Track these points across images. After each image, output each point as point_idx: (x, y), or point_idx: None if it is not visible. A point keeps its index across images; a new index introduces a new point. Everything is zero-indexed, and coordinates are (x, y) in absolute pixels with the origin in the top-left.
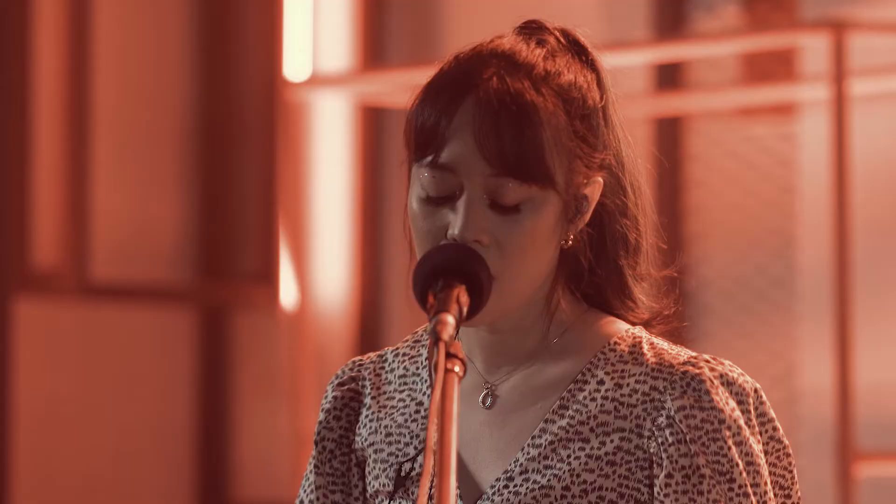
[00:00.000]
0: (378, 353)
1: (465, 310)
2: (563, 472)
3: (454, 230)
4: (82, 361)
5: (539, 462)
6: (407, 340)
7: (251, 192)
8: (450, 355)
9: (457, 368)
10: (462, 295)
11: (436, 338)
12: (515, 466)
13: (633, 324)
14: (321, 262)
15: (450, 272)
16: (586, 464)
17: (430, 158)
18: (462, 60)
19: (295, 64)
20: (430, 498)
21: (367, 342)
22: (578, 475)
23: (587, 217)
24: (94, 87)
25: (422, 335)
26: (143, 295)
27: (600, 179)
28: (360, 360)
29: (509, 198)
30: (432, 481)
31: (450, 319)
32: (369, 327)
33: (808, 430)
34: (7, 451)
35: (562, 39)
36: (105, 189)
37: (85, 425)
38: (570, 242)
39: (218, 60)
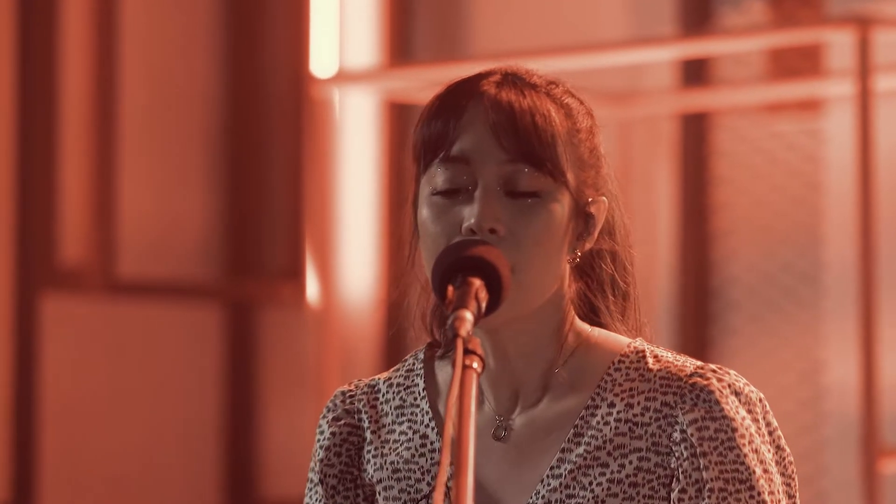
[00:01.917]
0: (366, 381)
1: (483, 306)
2: (587, 500)
3: (470, 220)
4: (109, 358)
5: (561, 492)
6: (398, 369)
7: (278, 188)
8: (468, 351)
9: (475, 364)
10: (481, 291)
11: (454, 334)
12: (537, 499)
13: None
14: (348, 258)
15: (470, 267)
16: (609, 488)
17: (442, 155)
18: (462, 79)
19: (322, 60)
20: (447, 495)
21: (392, 338)
22: (603, 501)
23: (594, 237)
24: (121, 83)
25: (413, 364)
26: (170, 292)
27: (605, 199)
28: (350, 391)
29: (524, 184)
30: (449, 478)
31: (468, 316)
32: (395, 323)
33: (834, 426)
34: (34, 448)
35: (555, 81)
36: (132, 186)
37: (112, 422)
38: (577, 260)
39: (245, 57)
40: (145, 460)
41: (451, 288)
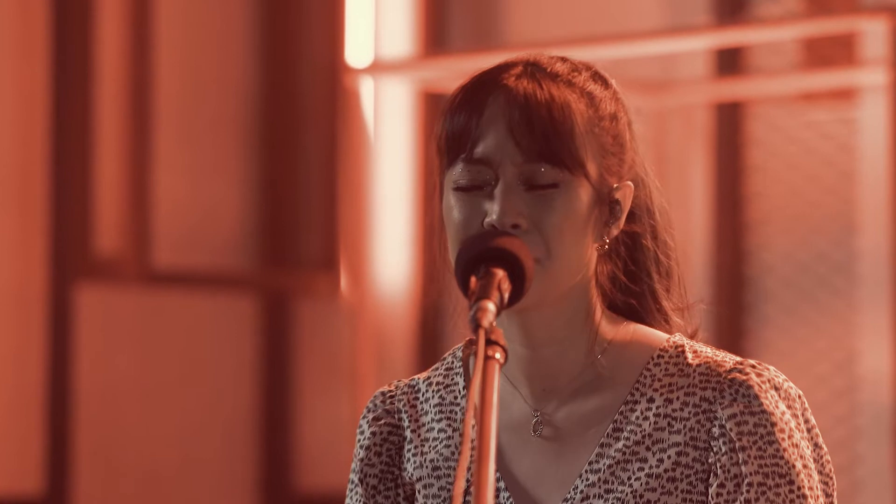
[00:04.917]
0: (406, 381)
1: (506, 296)
2: (626, 495)
3: (492, 216)
4: (144, 349)
5: (600, 487)
6: (437, 368)
7: (313, 179)
8: (490, 342)
9: (497, 355)
10: (504, 282)
11: (476, 325)
12: (576, 494)
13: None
14: (383, 248)
15: (492, 258)
16: (647, 483)
17: (464, 155)
18: (485, 70)
19: (357, 50)
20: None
21: (427, 329)
22: (641, 496)
23: (621, 223)
24: (156, 73)
25: (452, 362)
26: (205, 282)
27: (631, 185)
28: (390, 391)
29: (543, 179)
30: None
31: (490, 306)
32: (430, 314)
33: (868, 415)
34: (69, 439)
35: (581, 66)
36: (167, 176)
37: (146, 413)
38: (606, 247)
39: (280, 47)
40: (180, 451)
41: (473, 279)
